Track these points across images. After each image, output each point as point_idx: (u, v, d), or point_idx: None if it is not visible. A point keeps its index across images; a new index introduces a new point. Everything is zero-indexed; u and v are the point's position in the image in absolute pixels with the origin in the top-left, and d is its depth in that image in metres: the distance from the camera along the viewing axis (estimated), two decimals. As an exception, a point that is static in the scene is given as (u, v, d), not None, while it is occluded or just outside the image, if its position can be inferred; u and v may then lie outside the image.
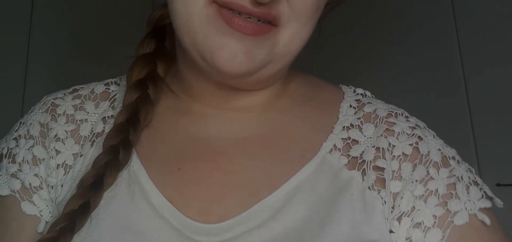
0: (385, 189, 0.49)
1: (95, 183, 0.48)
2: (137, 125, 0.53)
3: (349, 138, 0.53)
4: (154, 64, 0.57)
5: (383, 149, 0.51)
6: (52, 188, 0.53)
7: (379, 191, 0.49)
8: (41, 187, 0.53)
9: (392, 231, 0.48)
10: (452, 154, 0.52)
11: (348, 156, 0.51)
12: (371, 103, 0.56)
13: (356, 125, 0.54)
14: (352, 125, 0.54)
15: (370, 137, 0.52)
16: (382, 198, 0.49)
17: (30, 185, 0.53)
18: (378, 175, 0.50)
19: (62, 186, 0.53)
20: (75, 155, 0.54)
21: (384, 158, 0.50)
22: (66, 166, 0.54)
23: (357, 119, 0.54)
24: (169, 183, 0.50)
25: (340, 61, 1.52)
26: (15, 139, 0.56)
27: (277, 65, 0.51)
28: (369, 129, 0.53)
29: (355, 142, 0.52)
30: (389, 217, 0.49)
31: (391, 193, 0.49)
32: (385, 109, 0.55)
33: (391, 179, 0.50)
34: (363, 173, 0.50)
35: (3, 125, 0.84)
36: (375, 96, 0.59)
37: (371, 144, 0.52)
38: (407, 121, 0.54)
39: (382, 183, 0.49)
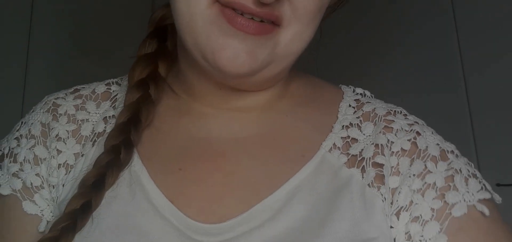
0: (385, 186, 0.49)
1: (96, 183, 0.49)
2: (138, 125, 0.53)
3: (349, 137, 0.53)
4: (155, 64, 0.57)
5: (381, 145, 0.51)
6: (53, 187, 0.53)
7: (379, 188, 0.49)
8: (43, 187, 0.53)
9: (392, 227, 0.48)
10: (451, 148, 0.52)
11: (347, 154, 0.51)
12: (370, 102, 0.56)
13: (355, 124, 0.54)
14: (351, 124, 0.54)
15: (369, 135, 0.52)
16: (382, 194, 0.49)
17: (31, 184, 0.53)
18: (377, 172, 0.50)
19: (63, 185, 0.53)
20: (76, 155, 0.54)
21: (383, 154, 0.50)
22: (67, 165, 0.54)
23: (356, 118, 0.54)
24: (170, 183, 0.50)
25: (340, 61, 1.51)
26: (17, 139, 0.56)
27: (278, 66, 0.51)
28: (368, 128, 0.53)
29: (355, 140, 0.52)
30: (389, 213, 0.49)
31: (390, 188, 0.49)
32: (384, 108, 0.55)
33: (389, 175, 0.50)
34: (363, 171, 0.50)
35: (3, 125, 0.84)
36: (375, 96, 0.59)
37: (370, 141, 0.52)
38: (406, 118, 0.54)
39: (381, 179, 0.49)
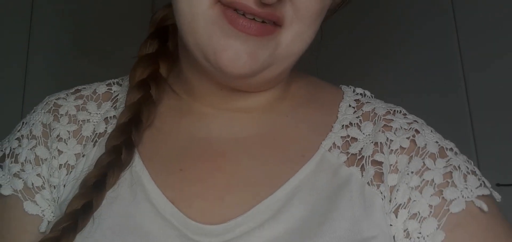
0: (384, 184, 0.49)
1: (97, 183, 0.49)
2: (139, 126, 0.53)
3: (348, 136, 0.53)
4: (156, 64, 0.57)
5: (381, 143, 0.51)
6: (54, 188, 0.53)
7: (378, 186, 0.49)
8: (44, 187, 0.53)
9: (391, 225, 0.48)
10: (450, 146, 0.52)
11: (347, 153, 0.51)
12: (370, 102, 0.56)
13: (355, 124, 0.54)
14: (351, 124, 0.54)
15: (368, 135, 0.53)
16: (381, 193, 0.49)
17: (32, 185, 0.53)
18: (376, 170, 0.50)
19: (64, 186, 0.53)
20: (77, 155, 0.54)
21: (382, 152, 0.50)
22: (68, 166, 0.54)
23: (356, 118, 0.54)
24: (171, 184, 0.50)
25: (340, 61, 1.51)
26: (18, 139, 0.56)
27: (279, 67, 0.51)
28: (367, 127, 0.53)
29: (354, 139, 0.53)
30: (388, 211, 0.49)
31: (389, 186, 0.49)
32: (384, 107, 0.55)
33: (388, 173, 0.50)
34: (362, 169, 0.50)
35: (3, 125, 0.84)
36: (375, 96, 0.59)
37: (370, 140, 0.52)
38: (405, 117, 0.54)
39: (380, 177, 0.49)
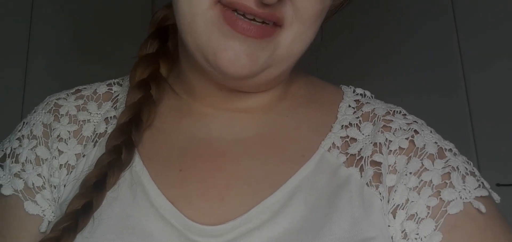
0: (382, 184, 0.49)
1: (97, 183, 0.49)
2: (139, 126, 0.53)
3: (348, 136, 0.53)
4: (157, 64, 0.57)
5: (380, 144, 0.51)
6: (55, 188, 0.53)
7: (377, 187, 0.49)
8: (44, 187, 0.53)
9: (389, 226, 0.48)
10: (449, 146, 0.52)
11: (346, 153, 0.51)
12: (369, 103, 0.56)
13: (354, 124, 0.54)
14: (350, 124, 0.54)
15: (368, 135, 0.53)
16: (380, 193, 0.49)
17: (33, 185, 0.53)
18: (375, 170, 0.50)
19: (65, 186, 0.53)
20: (78, 155, 0.54)
21: (381, 152, 0.50)
22: (68, 166, 0.54)
23: (356, 118, 0.54)
24: (171, 184, 0.50)
25: (340, 61, 1.51)
26: (18, 139, 0.56)
27: (279, 68, 0.51)
28: (367, 128, 0.53)
29: (354, 140, 0.53)
30: (387, 212, 0.49)
31: (387, 187, 0.49)
32: (383, 108, 0.55)
33: (387, 173, 0.50)
34: (361, 169, 0.50)
35: (3, 125, 0.84)
36: (375, 96, 0.59)
37: (369, 141, 0.52)
38: (405, 118, 0.54)
39: (379, 178, 0.49)
